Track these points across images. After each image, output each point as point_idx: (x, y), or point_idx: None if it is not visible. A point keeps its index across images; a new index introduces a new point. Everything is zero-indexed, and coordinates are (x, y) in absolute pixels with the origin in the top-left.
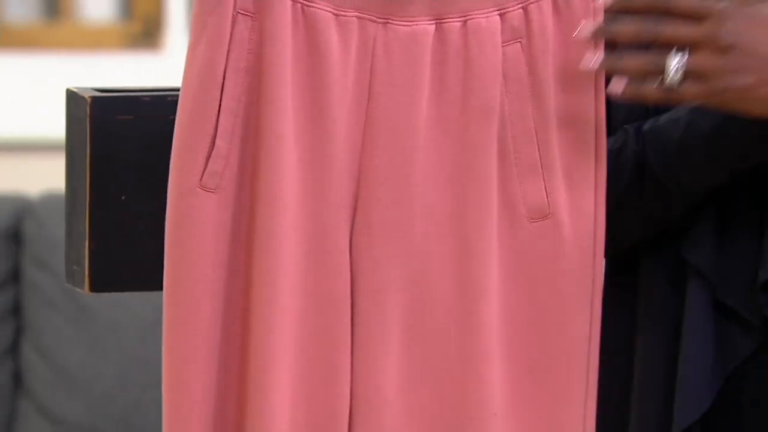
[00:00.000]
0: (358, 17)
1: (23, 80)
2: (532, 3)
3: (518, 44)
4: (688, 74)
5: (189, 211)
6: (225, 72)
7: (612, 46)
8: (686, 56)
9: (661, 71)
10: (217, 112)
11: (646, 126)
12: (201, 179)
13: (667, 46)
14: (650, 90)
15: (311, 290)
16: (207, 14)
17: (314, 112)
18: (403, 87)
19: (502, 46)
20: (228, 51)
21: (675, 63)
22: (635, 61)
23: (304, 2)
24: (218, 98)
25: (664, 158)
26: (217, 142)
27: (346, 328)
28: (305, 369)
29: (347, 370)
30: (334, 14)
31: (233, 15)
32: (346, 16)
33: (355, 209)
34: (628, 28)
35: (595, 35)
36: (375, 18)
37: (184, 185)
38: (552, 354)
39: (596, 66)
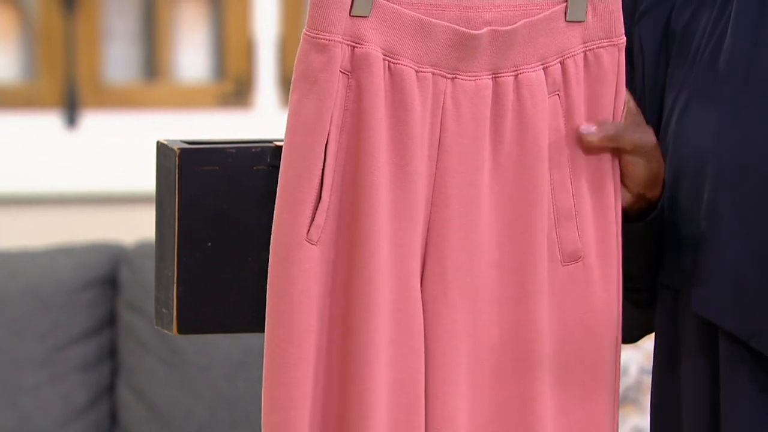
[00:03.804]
0: (433, 73)
1: (122, 137)
2: (568, 57)
3: (556, 96)
4: None
5: (295, 263)
6: (329, 128)
7: None
8: None
9: None
10: (321, 168)
11: None
12: (308, 232)
13: None
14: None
15: (395, 337)
16: (318, 71)
17: (402, 164)
18: (469, 139)
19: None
20: (333, 108)
21: None
22: None
23: (391, 60)
24: (323, 154)
25: None
26: (323, 196)
27: (422, 372)
28: (392, 415)
29: (422, 412)
30: (415, 70)
31: (338, 73)
32: (424, 72)
33: (424, 257)
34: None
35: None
36: (445, 74)
37: (291, 238)
38: (584, 393)
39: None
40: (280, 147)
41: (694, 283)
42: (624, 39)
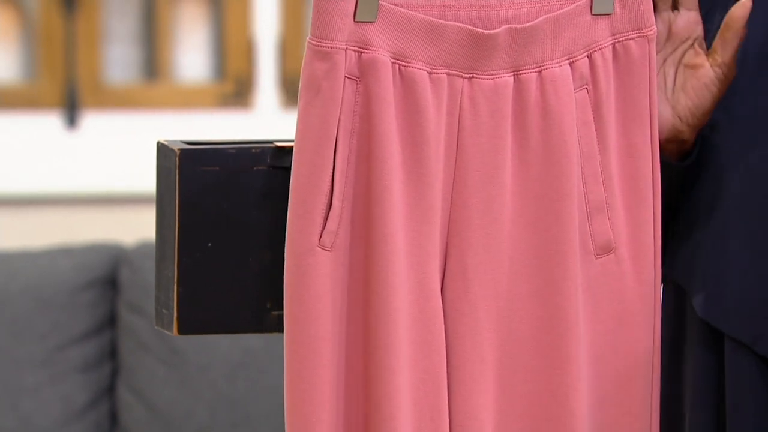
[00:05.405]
0: (448, 74)
1: (122, 137)
2: (595, 51)
3: (585, 90)
4: None
5: (308, 269)
6: (337, 134)
7: None
8: None
9: None
10: (331, 174)
11: None
12: (320, 239)
13: None
14: None
15: (416, 336)
16: (321, 78)
17: (416, 166)
18: (488, 137)
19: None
20: (339, 114)
21: None
22: None
23: (402, 63)
24: (332, 160)
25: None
26: (334, 202)
27: (444, 371)
28: (416, 415)
29: (446, 410)
30: (428, 72)
31: (343, 79)
32: (438, 73)
33: (445, 255)
34: None
35: None
36: (462, 73)
37: (304, 245)
38: (620, 385)
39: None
40: (280, 148)
41: (698, 285)
42: (655, 30)
